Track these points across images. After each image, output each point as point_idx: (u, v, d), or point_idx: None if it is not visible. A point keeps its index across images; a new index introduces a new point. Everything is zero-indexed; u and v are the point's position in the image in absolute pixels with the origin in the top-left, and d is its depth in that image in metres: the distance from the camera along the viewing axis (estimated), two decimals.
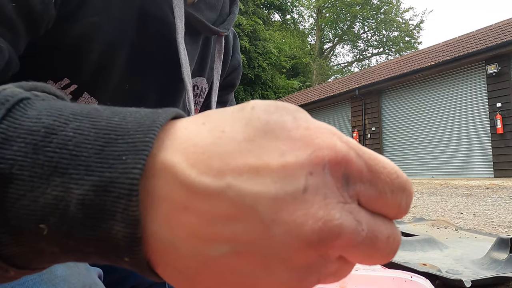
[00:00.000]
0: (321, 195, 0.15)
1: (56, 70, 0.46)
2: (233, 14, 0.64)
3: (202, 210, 0.15)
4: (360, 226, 0.16)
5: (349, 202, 0.16)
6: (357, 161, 0.16)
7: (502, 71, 7.67)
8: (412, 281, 0.61)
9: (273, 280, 0.16)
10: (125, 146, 0.16)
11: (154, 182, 0.16)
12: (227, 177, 0.15)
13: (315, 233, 0.15)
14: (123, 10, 0.48)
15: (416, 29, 24.99)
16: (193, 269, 0.16)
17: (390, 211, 0.17)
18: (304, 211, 0.15)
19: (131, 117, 0.17)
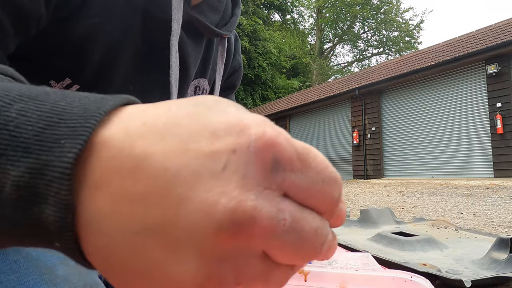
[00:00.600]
0: (240, 175, 0.14)
1: (57, 70, 0.46)
2: (235, 16, 0.64)
3: (124, 184, 0.15)
4: (282, 214, 0.15)
5: (273, 189, 0.15)
6: (288, 147, 0.16)
7: (502, 71, 7.67)
8: (412, 281, 0.61)
9: (181, 270, 0.15)
10: (65, 130, 0.16)
11: (90, 166, 0.15)
12: (152, 149, 0.15)
13: (226, 213, 0.14)
14: (125, 11, 0.48)
15: (416, 29, 25.00)
16: (109, 248, 0.15)
17: (322, 203, 0.17)
18: (219, 188, 0.14)
19: (79, 103, 0.17)
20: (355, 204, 4.49)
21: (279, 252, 0.15)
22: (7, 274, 0.35)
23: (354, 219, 2.42)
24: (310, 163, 0.16)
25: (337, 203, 0.17)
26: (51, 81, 0.47)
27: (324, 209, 0.17)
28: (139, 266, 0.15)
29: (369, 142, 10.62)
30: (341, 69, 28.59)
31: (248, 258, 0.15)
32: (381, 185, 7.69)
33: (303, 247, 0.16)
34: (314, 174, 0.16)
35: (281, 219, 0.15)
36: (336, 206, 0.17)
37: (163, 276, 0.15)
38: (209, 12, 0.59)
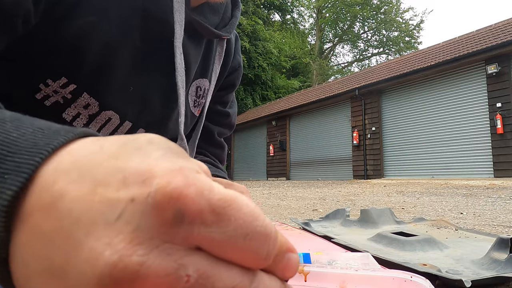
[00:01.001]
0: (132, 226, 0.14)
1: (54, 69, 0.46)
2: (235, 18, 0.65)
3: (39, 220, 0.14)
4: (184, 270, 0.14)
5: (176, 243, 0.14)
6: (196, 199, 0.14)
7: (502, 71, 7.67)
8: (412, 281, 0.61)
9: None
10: (11, 165, 0.15)
11: (25, 202, 0.15)
12: (68, 188, 0.15)
13: (106, 267, 0.13)
14: (123, 11, 0.47)
15: (416, 29, 25.02)
16: (23, 279, 0.15)
17: (245, 259, 0.15)
18: (107, 239, 0.13)
19: (31, 135, 0.17)
20: (355, 204, 4.49)
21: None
22: None
23: (354, 219, 2.42)
24: (229, 216, 0.15)
25: (266, 259, 0.15)
26: (48, 79, 0.46)
27: (252, 265, 0.15)
28: None
29: (369, 142, 10.62)
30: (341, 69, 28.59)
31: None
32: (381, 185, 7.69)
33: None
34: (234, 229, 0.15)
35: (183, 275, 0.14)
36: (266, 262, 0.16)
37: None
38: (209, 13, 0.59)
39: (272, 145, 14.52)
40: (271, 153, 14.53)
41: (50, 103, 0.48)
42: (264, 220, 0.16)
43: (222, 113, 0.79)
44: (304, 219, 2.59)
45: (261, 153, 15.38)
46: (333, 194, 6.05)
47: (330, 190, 7.11)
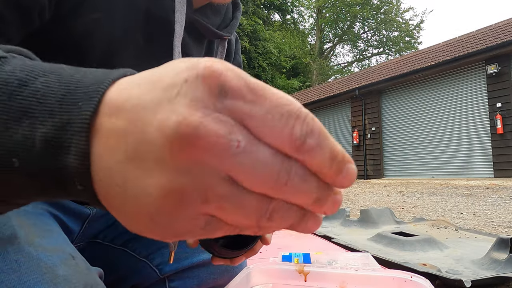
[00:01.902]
0: (189, 98, 0.16)
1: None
2: (235, 19, 0.66)
3: (111, 123, 0.18)
4: (235, 136, 0.16)
5: (225, 113, 0.17)
6: (235, 79, 0.17)
7: (502, 71, 7.66)
8: (412, 281, 0.61)
9: (148, 183, 0.17)
10: (81, 95, 0.19)
11: (101, 122, 0.18)
12: (132, 92, 0.18)
13: (174, 127, 0.16)
14: (127, 11, 0.48)
15: (416, 29, 25.00)
16: (106, 179, 0.18)
17: (283, 139, 0.17)
18: (172, 109, 0.16)
19: (91, 75, 0.20)
20: (355, 204, 4.49)
21: (240, 175, 0.17)
22: (7, 273, 0.35)
23: (354, 219, 2.42)
24: (266, 96, 0.17)
25: (301, 140, 0.17)
26: None
27: (288, 147, 0.17)
28: (127, 190, 0.17)
29: (369, 142, 10.62)
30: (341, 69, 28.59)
31: (211, 176, 0.16)
32: (381, 185, 7.69)
33: (263, 173, 0.17)
34: (270, 107, 0.17)
35: (234, 140, 0.16)
36: (301, 145, 0.17)
37: (138, 191, 0.17)
38: (211, 14, 0.60)
39: None
40: None
41: None
42: (299, 107, 0.18)
43: None
44: None
45: None
46: None
47: None
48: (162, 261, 0.67)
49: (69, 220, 0.55)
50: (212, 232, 0.19)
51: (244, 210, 0.17)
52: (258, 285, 0.65)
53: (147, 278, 0.67)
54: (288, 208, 0.18)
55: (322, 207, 0.19)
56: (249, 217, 0.18)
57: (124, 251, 0.67)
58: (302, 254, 0.86)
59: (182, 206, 0.17)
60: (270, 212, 0.18)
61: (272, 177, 0.17)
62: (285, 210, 0.18)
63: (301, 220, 0.19)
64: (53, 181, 0.20)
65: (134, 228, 0.19)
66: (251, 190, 0.17)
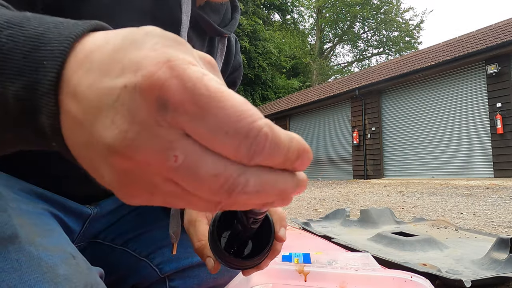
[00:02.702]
0: (126, 108, 0.16)
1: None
2: (235, 19, 0.68)
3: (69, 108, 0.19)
4: (172, 151, 0.16)
5: (166, 127, 0.16)
6: (178, 90, 0.16)
7: (502, 71, 7.66)
8: (412, 281, 0.61)
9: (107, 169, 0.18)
10: (46, 52, 0.19)
11: (67, 80, 0.19)
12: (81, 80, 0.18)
13: (110, 141, 0.17)
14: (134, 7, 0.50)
15: (416, 29, 25.00)
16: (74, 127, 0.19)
17: (228, 153, 0.17)
18: (110, 119, 0.17)
19: (55, 28, 0.20)
20: (355, 204, 4.49)
21: (183, 183, 0.17)
22: (8, 272, 0.35)
23: (354, 219, 2.42)
24: (211, 111, 0.16)
25: (248, 157, 0.17)
26: None
27: (236, 159, 0.17)
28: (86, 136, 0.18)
29: (369, 142, 10.62)
30: (341, 69, 28.59)
31: (153, 178, 0.17)
32: (381, 185, 7.69)
33: (203, 189, 0.17)
34: (215, 124, 0.16)
35: (171, 155, 0.16)
36: (248, 159, 0.17)
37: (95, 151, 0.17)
38: (211, 13, 0.62)
39: None
40: None
41: None
42: (251, 121, 0.17)
43: None
44: (304, 219, 2.59)
45: None
46: (333, 194, 6.05)
47: (330, 190, 7.11)
48: (162, 261, 0.67)
49: (70, 220, 0.56)
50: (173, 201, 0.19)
51: (195, 203, 0.18)
52: (258, 285, 0.65)
53: (147, 277, 0.67)
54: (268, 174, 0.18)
55: (285, 199, 0.19)
56: (206, 206, 0.18)
57: (124, 250, 0.67)
58: (302, 254, 0.86)
59: (134, 187, 0.18)
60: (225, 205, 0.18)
61: (219, 184, 0.17)
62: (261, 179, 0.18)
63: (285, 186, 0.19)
64: (30, 137, 0.21)
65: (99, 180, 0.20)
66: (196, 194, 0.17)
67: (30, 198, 0.47)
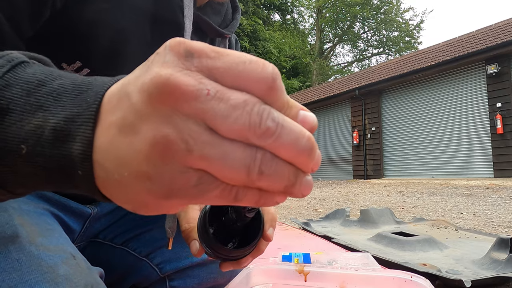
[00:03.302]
0: (161, 62, 0.19)
1: (68, 53, 0.49)
2: (235, 20, 0.68)
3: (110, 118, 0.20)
4: (204, 85, 0.18)
5: (194, 70, 0.19)
6: (198, 44, 0.19)
7: (502, 71, 7.66)
8: (412, 281, 0.61)
9: (135, 140, 0.19)
10: (91, 94, 0.22)
11: (103, 115, 0.21)
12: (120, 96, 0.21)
13: (149, 82, 0.18)
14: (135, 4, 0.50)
15: (416, 29, 24.99)
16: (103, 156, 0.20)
17: (251, 84, 0.19)
18: (148, 73, 0.19)
19: (100, 79, 0.23)
20: (355, 204, 4.49)
21: (216, 121, 0.18)
22: (9, 272, 0.35)
23: (354, 219, 2.42)
24: (227, 53, 0.19)
25: (271, 84, 0.19)
26: (63, 63, 0.49)
27: (258, 90, 0.19)
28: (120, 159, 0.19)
29: (369, 142, 10.62)
30: (341, 69, 28.58)
31: (189, 124, 0.18)
32: (381, 185, 7.69)
33: (237, 118, 0.18)
34: (233, 59, 0.19)
35: (204, 89, 0.18)
36: (271, 88, 0.19)
37: (129, 155, 0.19)
38: (211, 14, 0.62)
39: None
40: None
41: None
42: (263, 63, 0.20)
43: None
44: (304, 219, 2.59)
45: None
46: (333, 194, 6.05)
47: (330, 190, 7.11)
48: (162, 260, 0.67)
49: (71, 220, 0.56)
50: (205, 191, 0.19)
51: (229, 160, 0.18)
52: (258, 285, 0.65)
53: (147, 277, 0.67)
54: (277, 162, 0.19)
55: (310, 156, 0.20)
56: (238, 169, 0.18)
57: (124, 250, 0.67)
58: (302, 254, 0.86)
59: (169, 155, 0.18)
60: (259, 164, 0.19)
61: (247, 120, 0.18)
62: (274, 163, 0.19)
63: (296, 179, 0.20)
64: (56, 168, 0.22)
65: (132, 201, 0.20)
66: (232, 138, 0.18)
67: (31, 198, 0.47)
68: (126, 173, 0.19)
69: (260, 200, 0.20)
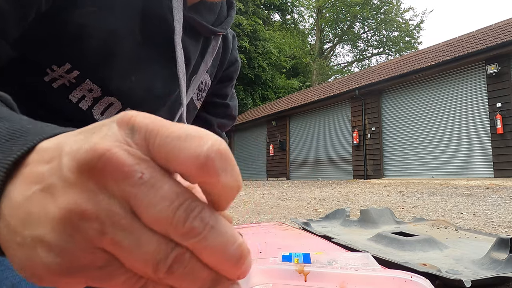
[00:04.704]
0: (103, 134, 0.18)
1: (58, 55, 0.49)
2: (230, 17, 0.68)
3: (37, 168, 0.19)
4: (138, 167, 0.17)
5: (133, 147, 0.17)
6: (145, 119, 0.18)
7: (502, 71, 7.66)
8: (412, 281, 0.61)
9: (57, 204, 0.17)
10: (19, 142, 0.20)
11: (27, 165, 0.19)
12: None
13: (83, 153, 0.17)
14: (124, 8, 0.50)
15: (416, 29, 25.01)
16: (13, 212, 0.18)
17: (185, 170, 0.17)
18: (87, 142, 0.17)
19: (40, 127, 0.22)
20: (355, 204, 4.49)
21: (141, 207, 0.17)
22: (11, 269, 0.35)
23: (354, 219, 2.42)
24: (168, 127, 0.18)
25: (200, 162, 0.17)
26: (53, 65, 0.49)
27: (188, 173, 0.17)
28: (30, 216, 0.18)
29: (369, 142, 10.62)
30: (341, 69, 28.59)
31: (112, 203, 0.17)
32: (381, 185, 7.69)
33: (161, 210, 0.17)
34: (169, 133, 0.17)
35: (138, 171, 0.17)
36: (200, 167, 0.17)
37: (40, 215, 0.17)
38: (205, 12, 0.62)
39: (272, 145, 14.52)
40: (271, 153, 14.52)
41: (57, 86, 0.51)
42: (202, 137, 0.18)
43: (221, 105, 0.83)
44: (304, 219, 2.59)
45: (261, 153, 15.37)
46: (333, 194, 6.05)
47: (330, 190, 7.11)
48: None
49: None
50: (108, 276, 0.17)
51: (140, 251, 0.17)
52: (258, 285, 0.65)
53: None
54: (195, 264, 0.17)
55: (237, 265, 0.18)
56: (146, 262, 0.17)
57: None
58: (302, 254, 0.86)
59: (79, 231, 0.17)
60: (171, 262, 0.17)
61: (171, 215, 0.17)
62: (190, 265, 0.17)
63: (215, 285, 0.18)
64: None
65: (26, 268, 0.18)
66: (152, 228, 0.17)
67: None
68: (29, 238, 0.17)
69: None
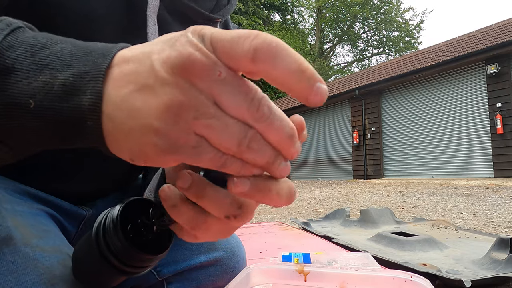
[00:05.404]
0: (184, 41, 0.22)
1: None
2: (230, 4, 0.65)
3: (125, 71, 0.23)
4: (217, 67, 0.21)
5: (210, 50, 0.21)
6: (211, 29, 0.22)
7: (502, 71, 7.66)
8: (412, 281, 0.61)
9: (157, 100, 0.21)
10: (97, 55, 0.24)
11: (113, 71, 0.23)
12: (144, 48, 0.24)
13: (174, 57, 0.21)
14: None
15: (416, 29, 24.99)
16: (114, 113, 0.22)
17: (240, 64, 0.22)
18: (174, 49, 0.22)
19: (100, 44, 0.25)
20: (355, 204, 4.48)
21: (222, 98, 0.21)
22: (4, 275, 0.35)
23: (354, 219, 2.41)
24: (230, 32, 0.22)
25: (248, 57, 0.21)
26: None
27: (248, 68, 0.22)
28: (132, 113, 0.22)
29: (369, 142, 10.62)
30: (341, 69, 28.58)
31: (201, 97, 0.21)
32: (381, 185, 7.69)
33: (240, 100, 0.22)
34: (232, 36, 0.22)
35: (217, 70, 0.21)
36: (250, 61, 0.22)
37: (141, 110, 0.21)
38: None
39: None
40: None
41: None
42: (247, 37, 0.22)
43: None
44: (304, 219, 2.59)
45: None
46: (333, 194, 6.05)
47: (330, 190, 7.10)
48: (160, 263, 0.66)
49: (65, 221, 0.55)
50: (201, 153, 0.22)
51: (226, 132, 0.22)
52: (258, 285, 0.65)
53: (145, 280, 0.66)
54: (263, 142, 0.23)
55: (292, 141, 0.24)
56: (231, 140, 0.22)
57: None
58: (302, 254, 0.86)
59: (179, 118, 0.21)
60: (249, 139, 0.22)
61: (248, 103, 0.22)
62: (261, 143, 0.23)
63: (275, 159, 0.23)
64: (65, 120, 0.23)
65: (134, 151, 0.22)
66: (232, 115, 0.22)
67: (25, 198, 0.47)
68: (136, 126, 0.21)
69: (241, 169, 0.23)
